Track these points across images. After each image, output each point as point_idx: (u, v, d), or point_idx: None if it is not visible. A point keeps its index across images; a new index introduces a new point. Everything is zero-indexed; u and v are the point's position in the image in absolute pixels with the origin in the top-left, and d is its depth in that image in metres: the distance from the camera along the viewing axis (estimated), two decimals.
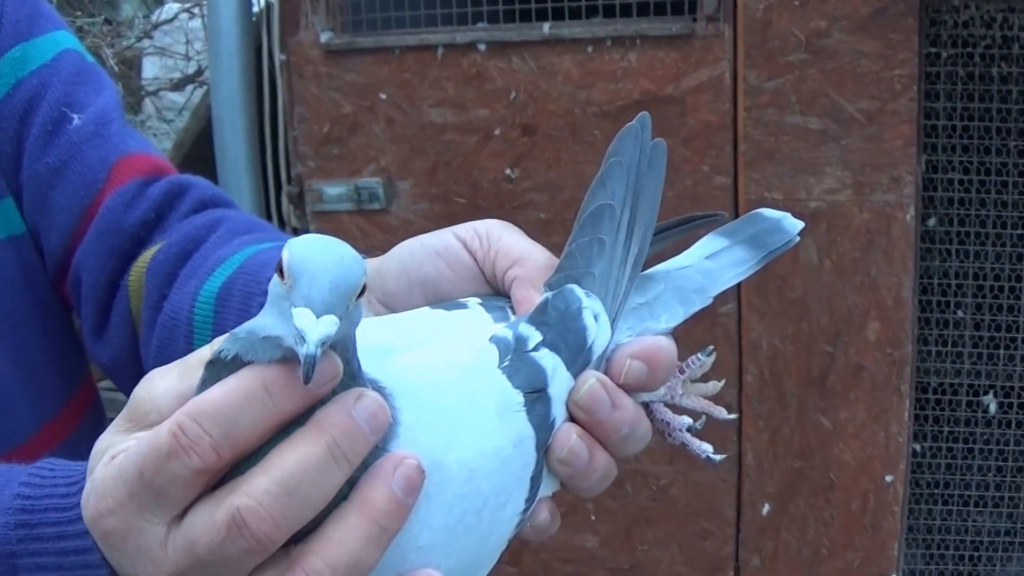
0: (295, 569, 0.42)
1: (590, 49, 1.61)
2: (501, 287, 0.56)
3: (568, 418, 0.51)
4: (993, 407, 1.65)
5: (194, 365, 0.45)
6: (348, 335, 0.43)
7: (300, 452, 0.42)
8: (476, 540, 0.47)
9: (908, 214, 1.54)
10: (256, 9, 1.91)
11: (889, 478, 1.63)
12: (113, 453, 0.44)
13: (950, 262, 1.61)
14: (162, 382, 0.46)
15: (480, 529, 0.47)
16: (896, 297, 1.57)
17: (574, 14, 1.62)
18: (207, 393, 0.42)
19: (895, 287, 1.57)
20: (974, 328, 1.63)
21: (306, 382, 0.40)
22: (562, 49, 1.62)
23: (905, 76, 1.50)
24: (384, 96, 1.69)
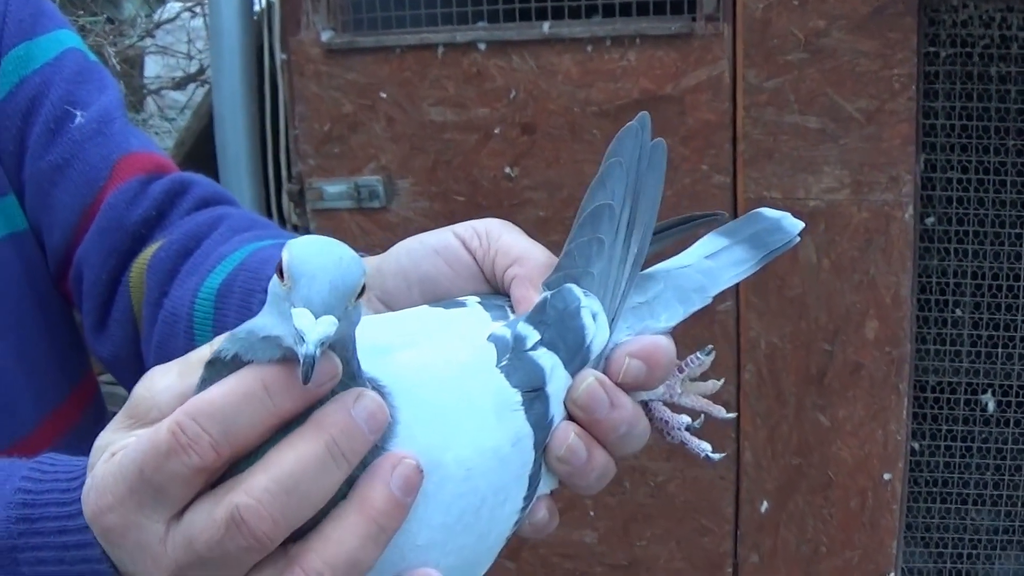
0: (294, 567, 0.42)
1: (590, 48, 1.61)
2: (500, 286, 0.56)
3: (567, 417, 0.51)
4: (991, 406, 1.65)
5: (194, 363, 0.45)
6: (347, 335, 0.43)
7: (299, 451, 0.42)
8: (474, 538, 0.47)
9: (907, 213, 1.54)
10: (257, 8, 1.91)
11: (887, 476, 1.63)
12: (113, 450, 0.44)
13: (949, 261, 1.61)
14: (162, 380, 0.46)
15: (478, 527, 0.47)
16: (895, 296, 1.57)
17: (574, 13, 1.62)
18: (207, 392, 0.42)
19: (894, 286, 1.57)
20: (972, 327, 1.63)
21: (305, 382, 0.40)
22: (562, 48, 1.62)
23: (904, 75, 1.50)
24: (384, 95, 1.69)
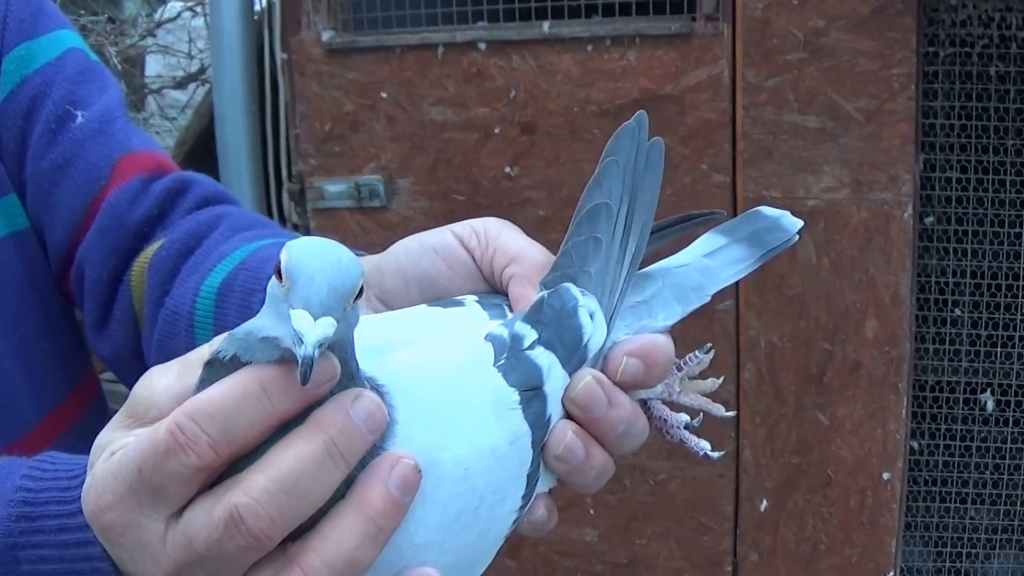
0: (292, 566, 0.42)
1: (589, 48, 1.61)
2: (499, 285, 0.56)
3: (565, 416, 0.51)
4: (990, 405, 1.65)
5: (194, 363, 0.45)
6: (346, 336, 0.43)
7: (298, 451, 0.42)
8: (473, 537, 0.47)
9: (906, 212, 1.54)
10: (258, 8, 1.92)
11: (887, 475, 1.63)
12: (113, 449, 0.44)
13: (948, 260, 1.61)
14: (161, 380, 0.46)
15: (477, 526, 0.47)
16: (894, 295, 1.58)
17: (574, 13, 1.63)
18: (205, 392, 0.42)
19: (893, 285, 1.57)
20: (971, 326, 1.63)
21: (303, 383, 0.40)
22: (562, 48, 1.62)
23: (903, 75, 1.50)
24: (385, 94, 1.70)
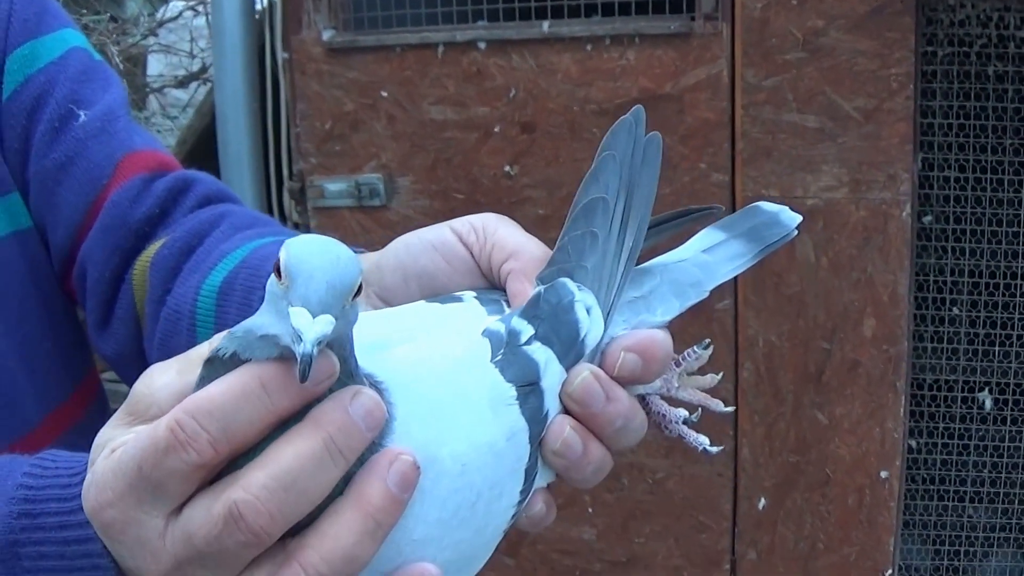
0: (291, 562, 0.42)
1: (589, 47, 1.61)
2: (497, 280, 0.56)
3: (562, 411, 0.51)
4: (988, 403, 1.66)
5: (193, 361, 0.45)
6: (345, 334, 0.43)
7: (297, 448, 0.42)
8: (471, 533, 0.47)
9: (904, 211, 1.55)
10: (259, 7, 1.92)
11: (885, 474, 1.64)
12: (113, 446, 0.45)
13: (946, 259, 1.61)
14: (161, 377, 0.46)
15: (475, 522, 0.47)
16: (892, 294, 1.58)
17: (573, 12, 1.63)
18: (205, 390, 0.42)
19: (891, 284, 1.58)
20: (969, 325, 1.63)
21: (302, 381, 0.40)
22: (561, 47, 1.63)
23: (902, 74, 1.50)
24: (385, 93, 1.70)
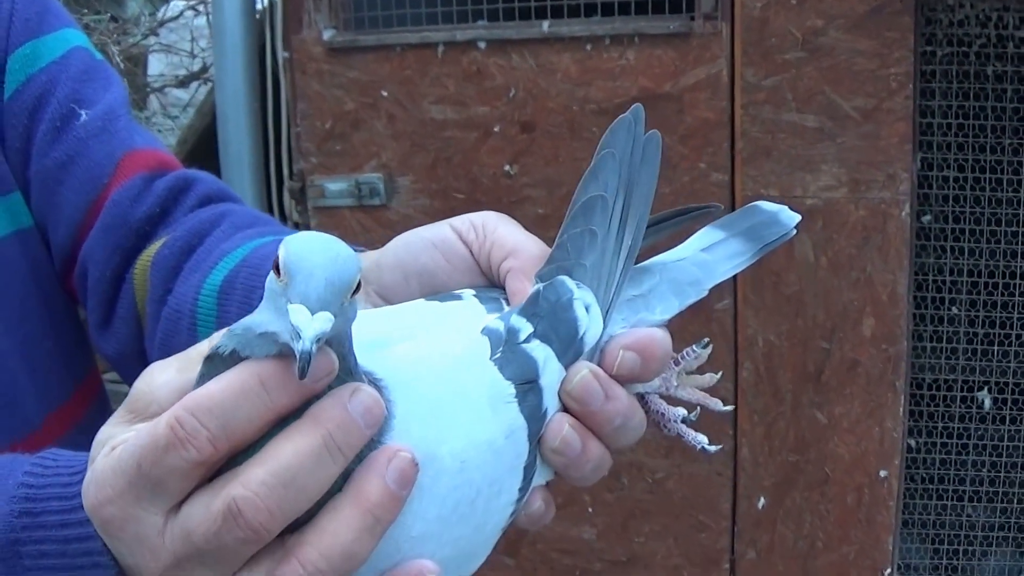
0: (290, 559, 0.43)
1: (589, 47, 1.62)
2: (496, 278, 0.56)
3: (561, 408, 0.51)
4: (987, 403, 1.66)
5: (193, 359, 0.46)
6: (344, 331, 0.43)
7: (296, 444, 0.42)
8: (470, 530, 0.47)
9: (903, 211, 1.55)
10: (260, 7, 1.93)
11: (883, 473, 1.64)
12: (113, 444, 0.45)
13: (945, 259, 1.62)
14: (161, 375, 0.46)
15: (474, 519, 0.47)
16: (891, 293, 1.58)
17: (573, 12, 1.63)
18: (205, 387, 0.43)
19: (890, 283, 1.58)
20: (968, 324, 1.63)
21: (301, 378, 0.40)
22: (561, 47, 1.63)
23: (901, 74, 1.51)
24: (385, 93, 1.70)
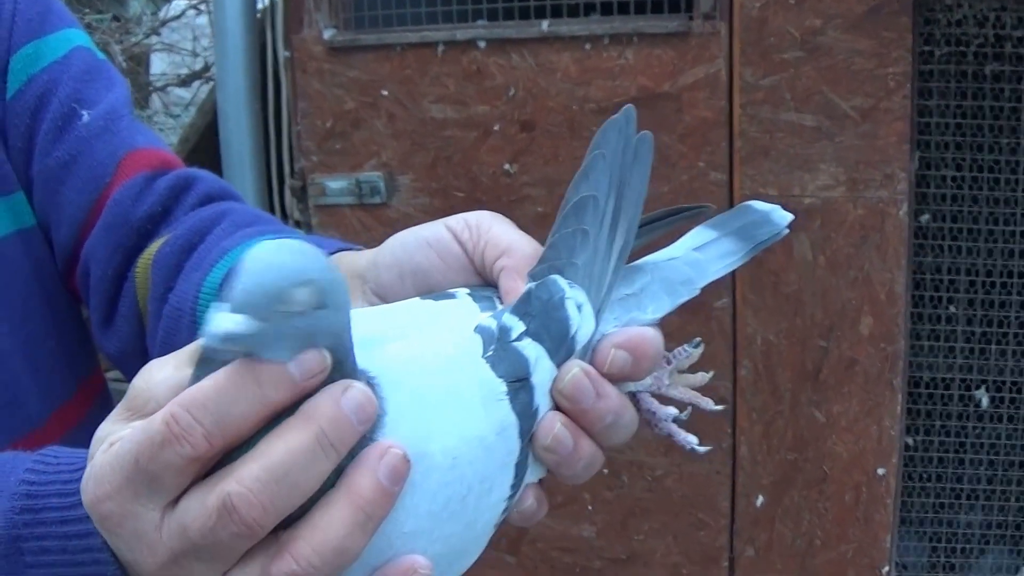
0: (283, 554, 0.43)
1: (588, 46, 1.62)
2: (490, 277, 0.56)
3: (553, 407, 0.52)
4: (985, 401, 1.66)
5: (192, 356, 0.46)
6: (338, 339, 0.44)
7: (289, 441, 0.43)
8: (462, 527, 0.48)
9: (901, 210, 1.56)
10: (261, 6, 1.93)
11: (881, 471, 1.65)
12: (112, 440, 0.45)
13: (943, 258, 1.62)
14: (159, 372, 0.46)
15: (465, 516, 0.48)
16: (889, 292, 1.59)
17: (572, 12, 1.64)
18: (200, 384, 0.43)
19: (888, 282, 1.58)
20: (966, 323, 1.64)
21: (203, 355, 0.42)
22: (560, 46, 1.63)
23: (899, 74, 1.51)
24: (386, 92, 1.71)
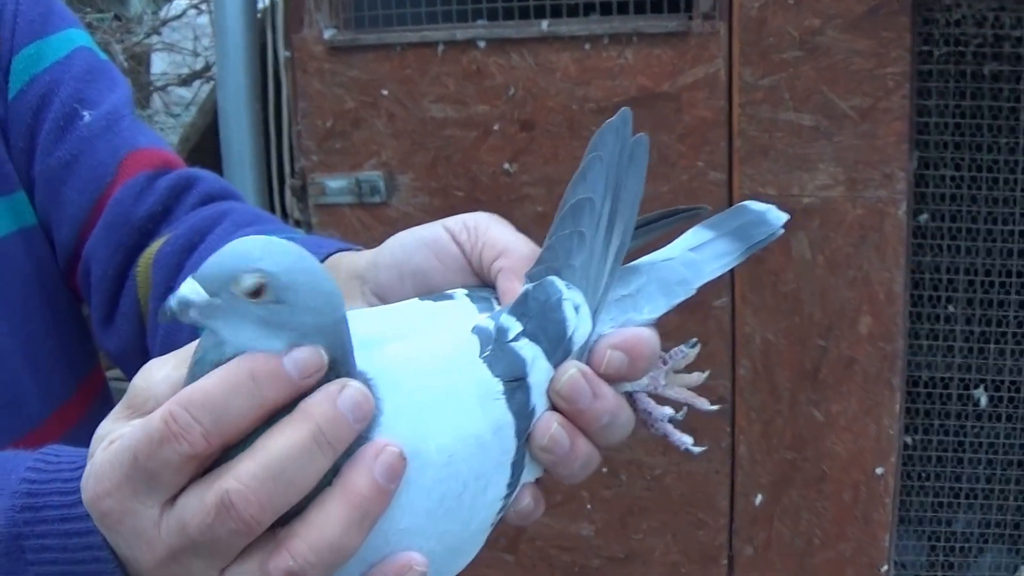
0: (281, 551, 0.44)
1: (587, 46, 1.62)
2: (488, 278, 0.57)
3: (550, 407, 0.52)
4: (984, 401, 1.67)
5: (191, 355, 0.46)
6: (337, 339, 0.45)
7: (286, 438, 0.43)
8: (458, 525, 0.48)
9: (900, 210, 1.56)
10: (261, 6, 1.94)
11: (880, 470, 1.65)
12: (112, 439, 0.46)
13: (941, 257, 1.62)
14: (159, 371, 0.47)
15: (461, 514, 0.48)
16: (888, 292, 1.59)
17: (572, 11, 1.64)
18: (198, 382, 0.44)
19: (887, 282, 1.58)
20: (965, 323, 1.64)
21: (160, 320, 0.43)
22: (560, 46, 1.64)
23: (898, 74, 1.51)
24: (386, 92, 1.71)
